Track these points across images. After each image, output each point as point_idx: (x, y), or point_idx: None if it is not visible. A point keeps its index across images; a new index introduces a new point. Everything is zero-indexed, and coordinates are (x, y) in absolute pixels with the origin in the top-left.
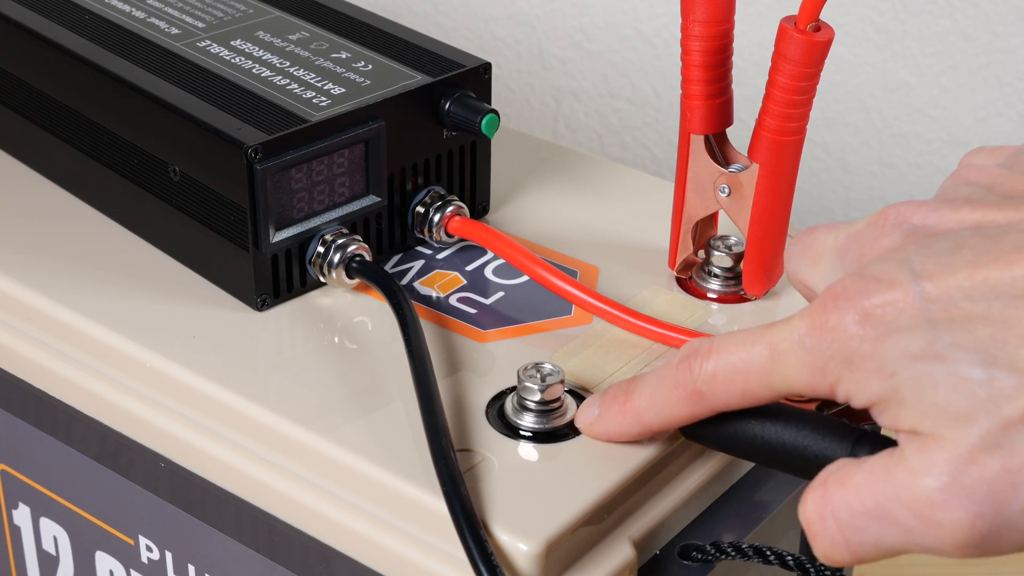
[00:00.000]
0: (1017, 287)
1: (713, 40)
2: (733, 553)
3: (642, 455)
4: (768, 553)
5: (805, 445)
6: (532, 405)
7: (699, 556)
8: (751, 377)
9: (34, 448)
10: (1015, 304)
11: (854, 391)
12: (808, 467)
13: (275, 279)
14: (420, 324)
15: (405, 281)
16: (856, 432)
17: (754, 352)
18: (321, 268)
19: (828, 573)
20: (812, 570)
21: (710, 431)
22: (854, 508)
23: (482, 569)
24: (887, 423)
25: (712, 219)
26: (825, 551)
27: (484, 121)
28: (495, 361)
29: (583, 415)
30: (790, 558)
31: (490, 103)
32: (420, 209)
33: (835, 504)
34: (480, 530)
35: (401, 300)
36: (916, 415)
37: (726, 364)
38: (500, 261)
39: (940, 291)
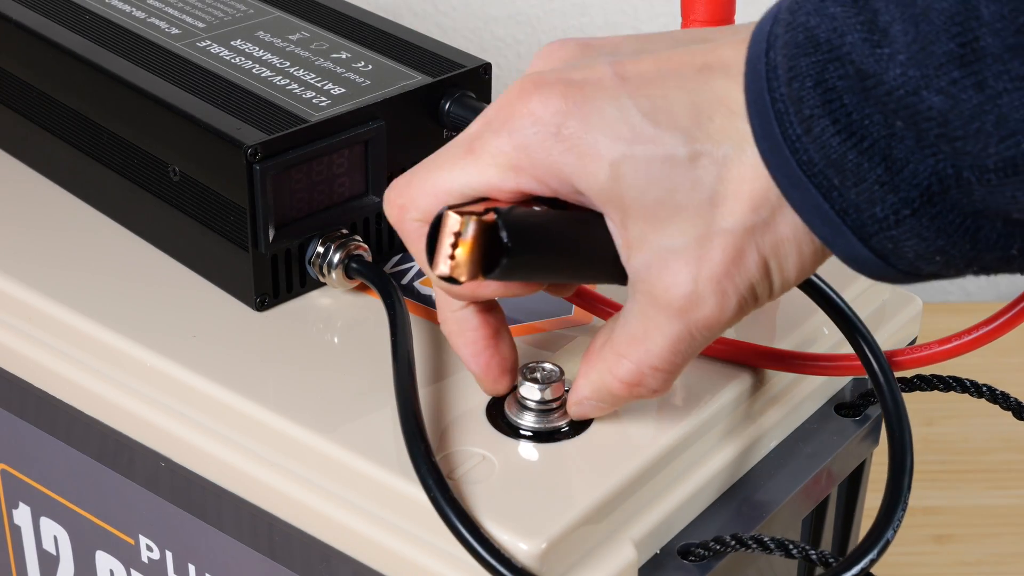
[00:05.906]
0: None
1: None
2: (735, 544)
3: (642, 455)
4: (769, 543)
5: None
6: (532, 405)
7: (701, 551)
8: (454, 185)
9: (34, 448)
10: None
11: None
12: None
13: (275, 279)
14: (410, 331)
15: (406, 281)
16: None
17: (451, 157)
18: (321, 268)
19: (831, 560)
20: (814, 556)
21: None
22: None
23: (497, 565)
24: None
25: None
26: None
27: None
28: None
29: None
30: (792, 546)
31: (490, 103)
32: None
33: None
34: (481, 529)
35: (395, 302)
36: None
37: (423, 180)
38: None
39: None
